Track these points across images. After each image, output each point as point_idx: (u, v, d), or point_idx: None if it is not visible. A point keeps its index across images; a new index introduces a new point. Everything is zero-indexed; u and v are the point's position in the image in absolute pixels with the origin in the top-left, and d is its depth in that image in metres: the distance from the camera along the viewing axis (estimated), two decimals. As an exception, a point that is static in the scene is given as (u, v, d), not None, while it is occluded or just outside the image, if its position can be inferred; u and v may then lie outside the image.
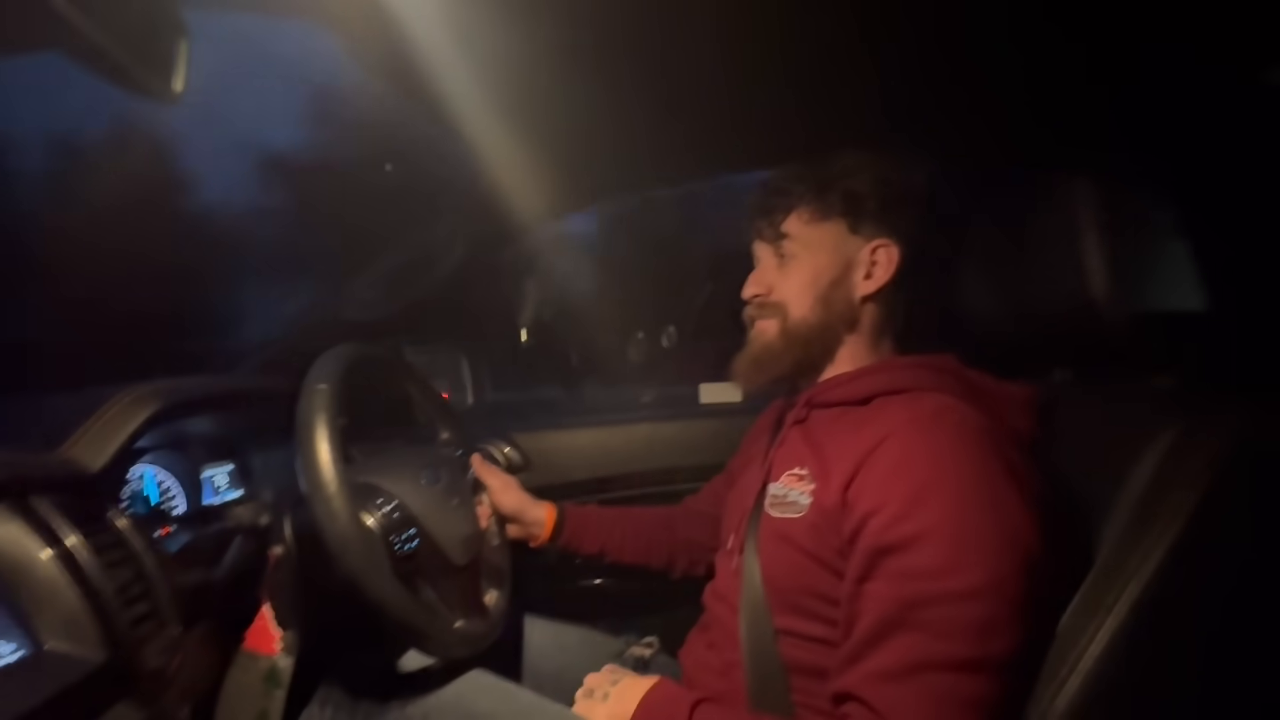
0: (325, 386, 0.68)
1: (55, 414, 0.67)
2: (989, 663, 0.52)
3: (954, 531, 0.54)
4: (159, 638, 0.55)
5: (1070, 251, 0.67)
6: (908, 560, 0.54)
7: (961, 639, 0.52)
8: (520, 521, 0.91)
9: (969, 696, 0.52)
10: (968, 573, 0.53)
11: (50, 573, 0.48)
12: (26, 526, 0.49)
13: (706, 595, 0.79)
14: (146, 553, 0.59)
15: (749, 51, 0.75)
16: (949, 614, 0.52)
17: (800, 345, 0.73)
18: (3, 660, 0.45)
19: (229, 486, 0.99)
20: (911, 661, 0.52)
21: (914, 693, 0.52)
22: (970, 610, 0.52)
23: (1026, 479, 0.58)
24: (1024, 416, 0.66)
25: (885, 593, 0.55)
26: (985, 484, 0.56)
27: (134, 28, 0.50)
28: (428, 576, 0.74)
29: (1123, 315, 0.65)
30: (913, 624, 0.53)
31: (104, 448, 0.64)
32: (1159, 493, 0.55)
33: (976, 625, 0.52)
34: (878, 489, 0.58)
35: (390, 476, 0.75)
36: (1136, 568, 0.53)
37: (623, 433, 1.24)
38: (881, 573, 0.56)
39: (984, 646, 0.52)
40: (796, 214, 0.73)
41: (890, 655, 0.53)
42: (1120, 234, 0.66)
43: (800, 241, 0.73)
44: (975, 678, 0.52)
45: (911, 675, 0.52)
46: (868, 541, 0.57)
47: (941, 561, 0.53)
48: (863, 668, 0.54)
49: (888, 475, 0.58)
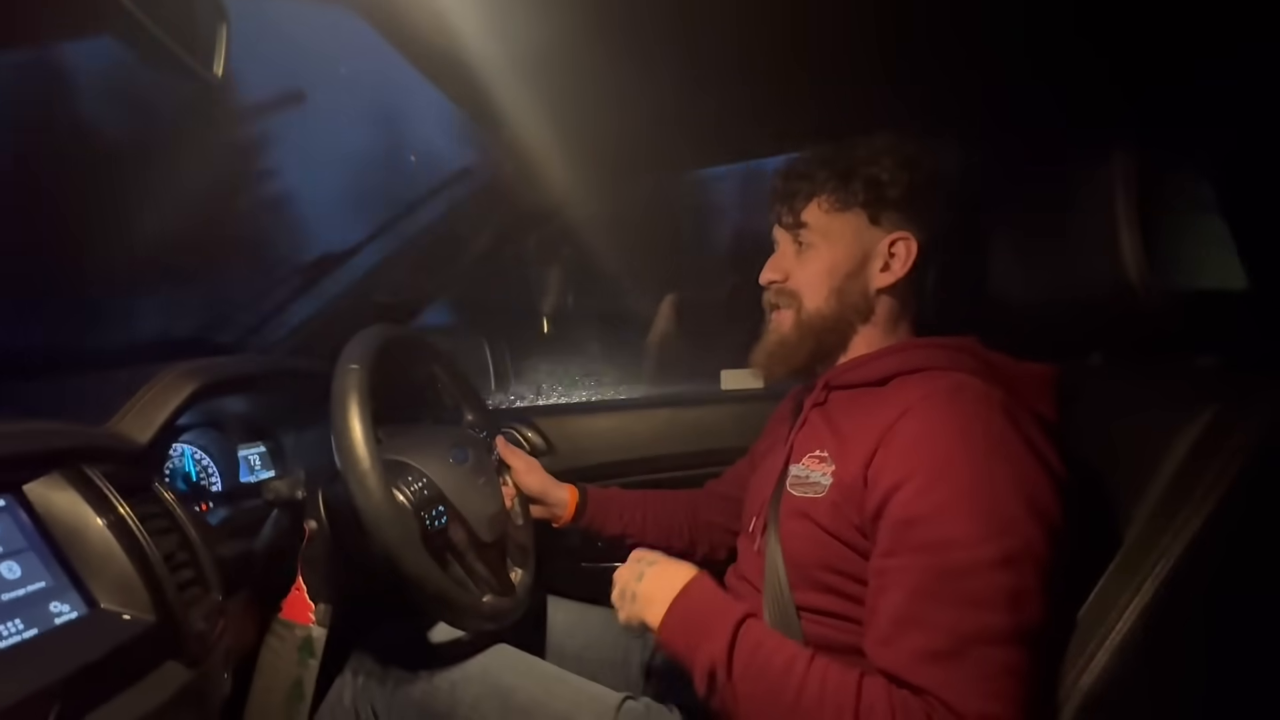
0: (358, 367, 0.70)
1: (104, 389, 0.70)
2: (1029, 632, 0.51)
3: (981, 501, 0.53)
4: (203, 603, 0.57)
5: (1106, 231, 0.66)
6: (936, 530, 0.54)
7: (1002, 609, 0.51)
8: (543, 502, 0.93)
9: (1016, 667, 0.50)
10: (999, 540, 0.52)
11: (104, 538, 0.51)
12: (82, 494, 0.52)
13: (729, 577, 0.79)
14: (191, 523, 0.61)
15: (778, 33, 0.75)
16: (986, 583, 0.51)
17: (814, 336, 0.73)
18: (63, 618, 0.47)
19: (263, 466, 1.02)
20: (958, 638, 0.51)
21: (966, 671, 0.50)
22: (1006, 578, 0.51)
23: (1046, 453, 0.58)
24: (1044, 396, 0.65)
25: (916, 565, 0.54)
26: (1007, 455, 0.56)
27: (177, 13, 0.51)
28: (456, 552, 0.76)
29: (1161, 295, 0.63)
30: (950, 597, 0.52)
31: (150, 422, 0.67)
32: (1191, 474, 0.54)
33: (1014, 593, 0.51)
34: (900, 462, 0.58)
35: (419, 455, 0.77)
36: (1166, 547, 0.52)
37: (644, 417, 1.25)
38: (909, 545, 0.55)
39: (1022, 614, 0.51)
40: (817, 202, 0.72)
41: (930, 633, 0.51)
42: (1158, 212, 0.64)
43: (819, 231, 0.72)
44: (1019, 648, 0.51)
45: (960, 652, 0.50)
46: (894, 514, 0.56)
47: (971, 531, 0.52)
48: (904, 647, 0.52)
49: (909, 448, 0.58)
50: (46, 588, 0.48)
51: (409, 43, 0.74)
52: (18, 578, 0.47)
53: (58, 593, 0.49)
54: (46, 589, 0.48)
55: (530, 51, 0.76)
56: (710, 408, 1.26)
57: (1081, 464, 0.61)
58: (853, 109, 0.94)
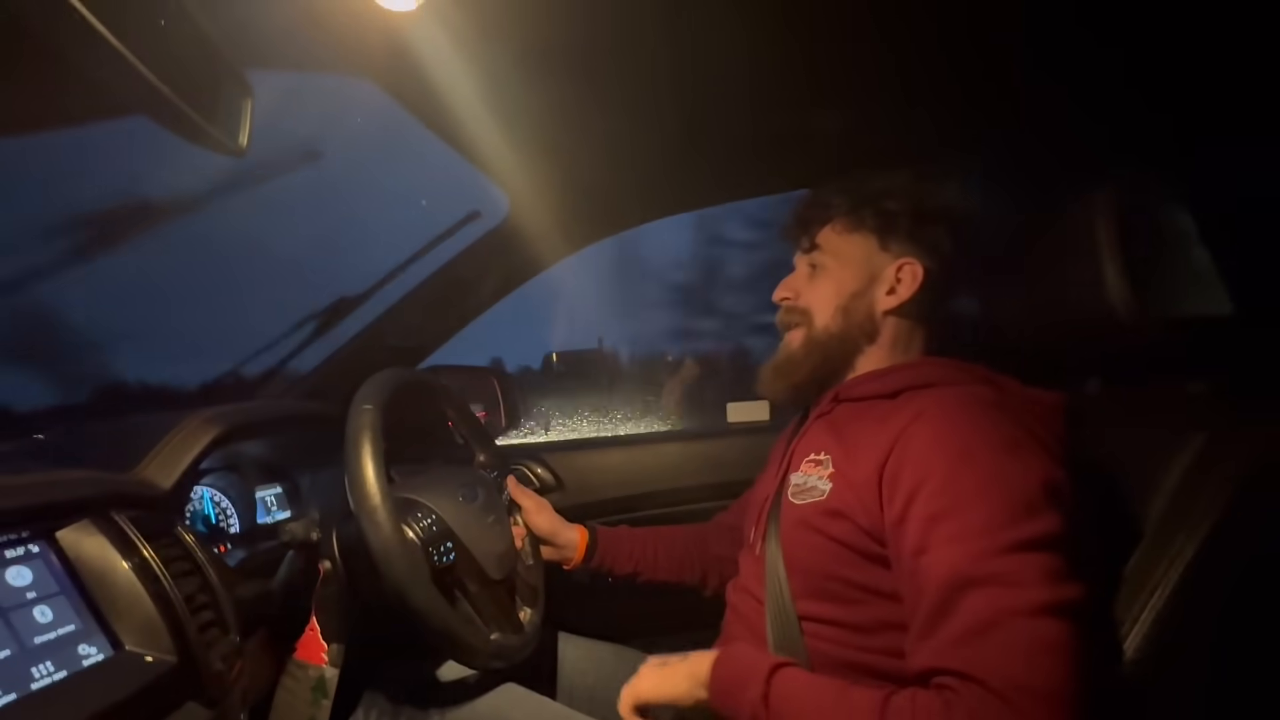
0: (371, 407, 0.72)
1: (130, 435, 0.73)
2: (1066, 607, 0.50)
3: (1002, 489, 0.54)
4: (222, 643, 0.59)
5: (1092, 262, 0.68)
6: (963, 521, 0.54)
7: (1035, 585, 0.50)
8: (553, 544, 0.94)
9: (1054, 640, 0.49)
10: (1024, 523, 0.52)
11: (130, 581, 0.53)
12: (110, 540, 0.54)
13: (730, 593, 0.80)
14: (210, 565, 0.64)
15: (766, 80, 0.79)
16: (1016, 564, 0.51)
17: (820, 353, 0.75)
18: (91, 660, 0.49)
19: (279, 506, 1.05)
20: (988, 616, 0.50)
21: (998, 646, 0.49)
22: (1036, 558, 0.51)
23: (1055, 452, 0.59)
24: (1053, 420, 0.66)
25: (945, 557, 0.54)
26: (1021, 451, 0.57)
27: (204, 88, 0.56)
28: (464, 589, 0.77)
29: (1147, 323, 0.65)
30: (981, 580, 0.51)
31: (173, 468, 0.70)
32: (1185, 500, 0.55)
33: (1046, 571, 0.51)
34: (918, 462, 0.58)
35: (430, 493, 0.79)
36: (1161, 576, 0.53)
37: (652, 452, 1.27)
38: (938, 539, 0.55)
39: (1057, 591, 0.50)
40: (831, 226, 0.77)
41: (965, 616, 0.51)
42: (1141, 242, 0.66)
43: (830, 253, 0.76)
44: (1056, 621, 0.49)
45: (991, 629, 0.50)
46: (919, 512, 0.56)
47: (998, 517, 0.53)
48: (940, 637, 0.52)
49: (927, 447, 0.59)
50: (75, 630, 0.50)
51: (419, 105, 0.79)
52: (50, 621, 0.49)
53: (86, 635, 0.51)
54: (75, 632, 0.50)
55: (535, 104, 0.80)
56: (718, 441, 1.28)
57: (1084, 486, 0.61)
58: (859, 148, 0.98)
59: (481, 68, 0.69)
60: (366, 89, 0.76)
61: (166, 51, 0.47)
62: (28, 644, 0.47)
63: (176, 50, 0.48)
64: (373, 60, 0.69)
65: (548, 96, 0.77)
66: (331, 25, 0.62)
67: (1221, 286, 0.69)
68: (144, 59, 0.44)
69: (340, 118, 1.16)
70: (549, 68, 0.74)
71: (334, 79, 0.72)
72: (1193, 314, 0.68)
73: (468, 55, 0.67)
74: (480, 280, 1.18)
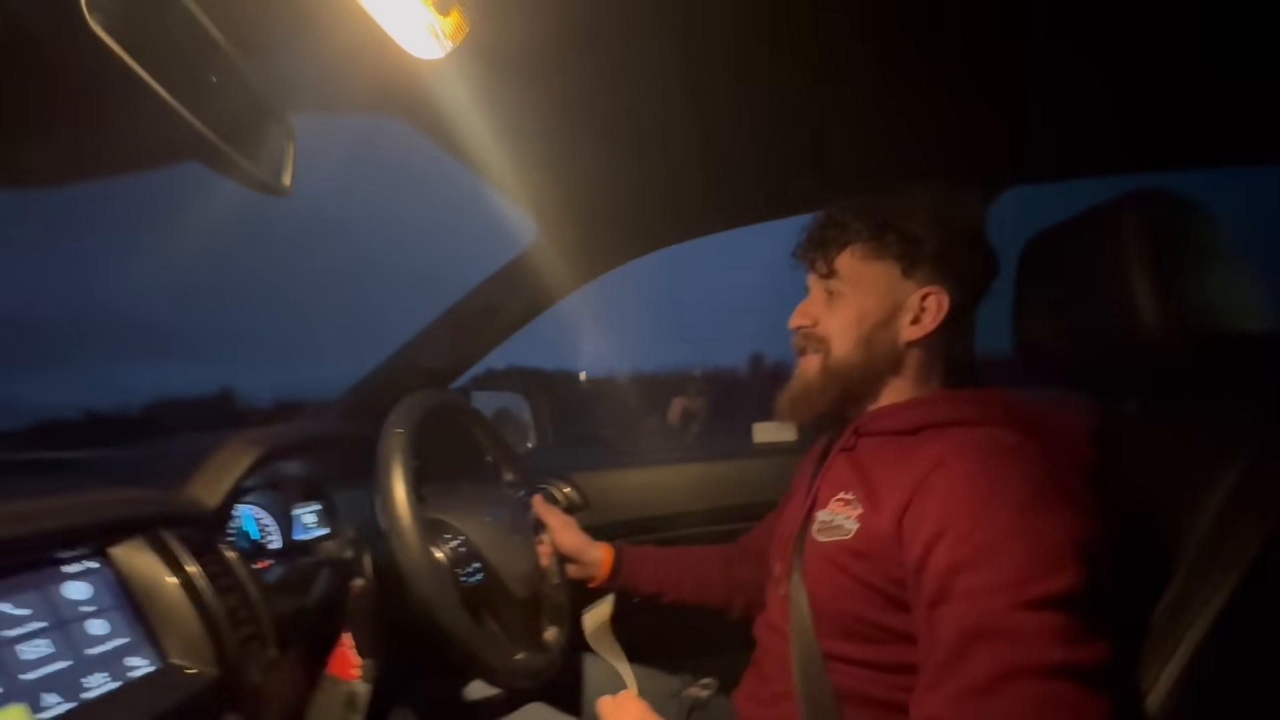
0: (402, 430, 0.75)
1: (177, 455, 0.77)
2: (1079, 669, 0.48)
3: (1024, 543, 0.52)
4: (261, 657, 0.62)
5: (1122, 280, 0.66)
6: (982, 575, 0.52)
7: (1048, 644, 0.49)
8: (579, 561, 0.94)
9: (1064, 701, 0.48)
10: (1045, 581, 0.50)
11: (177, 596, 0.56)
12: (158, 556, 0.58)
13: (758, 628, 0.79)
14: (251, 582, 0.67)
15: (769, 105, 0.80)
16: (1031, 621, 0.50)
17: (840, 383, 0.73)
18: (139, 672, 0.52)
19: (317, 524, 1.08)
20: (998, 672, 0.49)
21: (1007, 704, 0.48)
22: (1053, 618, 0.49)
23: (1085, 501, 0.57)
24: (1081, 444, 0.64)
25: (962, 610, 0.53)
26: (1045, 501, 0.55)
27: (250, 134, 0.60)
28: (491, 608, 0.79)
29: (1181, 341, 0.63)
30: (994, 634, 0.50)
31: (218, 487, 0.74)
32: (1228, 523, 0.53)
33: (1061, 631, 0.49)
34: (939, 511, 0.57)
35: (458, 514, 0.81)
36: (1206, 601, 0.51)
37: (677, 472, 1.27)
38: (956, 592, 0.53)
39: (1071, 652, 0.49)
40: (850, 250, 0.73)
41: (974, 670, 0.50)
42: (1172, 258, 0.65)
43: (850, 280, 0.73)
44: (1068, 683, 0.48)
45: (1000, 686, 0.48)
46: (938, 564, 0.55)
47: (1017, 572, 0.51)
48: (947, 689, 0.51)
49: (948, 496, 0.57)
50: (127, 643, 0.54)
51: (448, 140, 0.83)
52: (105, 634, 0.52)
53: (135, 647, 0.54)
54: (127, 644, 0.54)
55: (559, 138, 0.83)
56: (743, 462, 1.27)
57: (1120, 511, 0.60)
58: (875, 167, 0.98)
59: (503, 108, 0.72)
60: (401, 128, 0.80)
61: (216, 103, 0.51)
62: (83, 655, 0.50)
63: (225, 101, 0.52)
64: (404, 101, 0.73)
65: (566, 131, 0.80)
66: (365, 70, 0.66)
67: (1257, 302, 0.67)
68: (195, 111, 0.47)
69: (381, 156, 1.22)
70: (566, 107, 0.77)
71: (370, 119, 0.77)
72: (1227, 330, 0.65)
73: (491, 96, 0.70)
74: (508, 304, 1.21)
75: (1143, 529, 0.61)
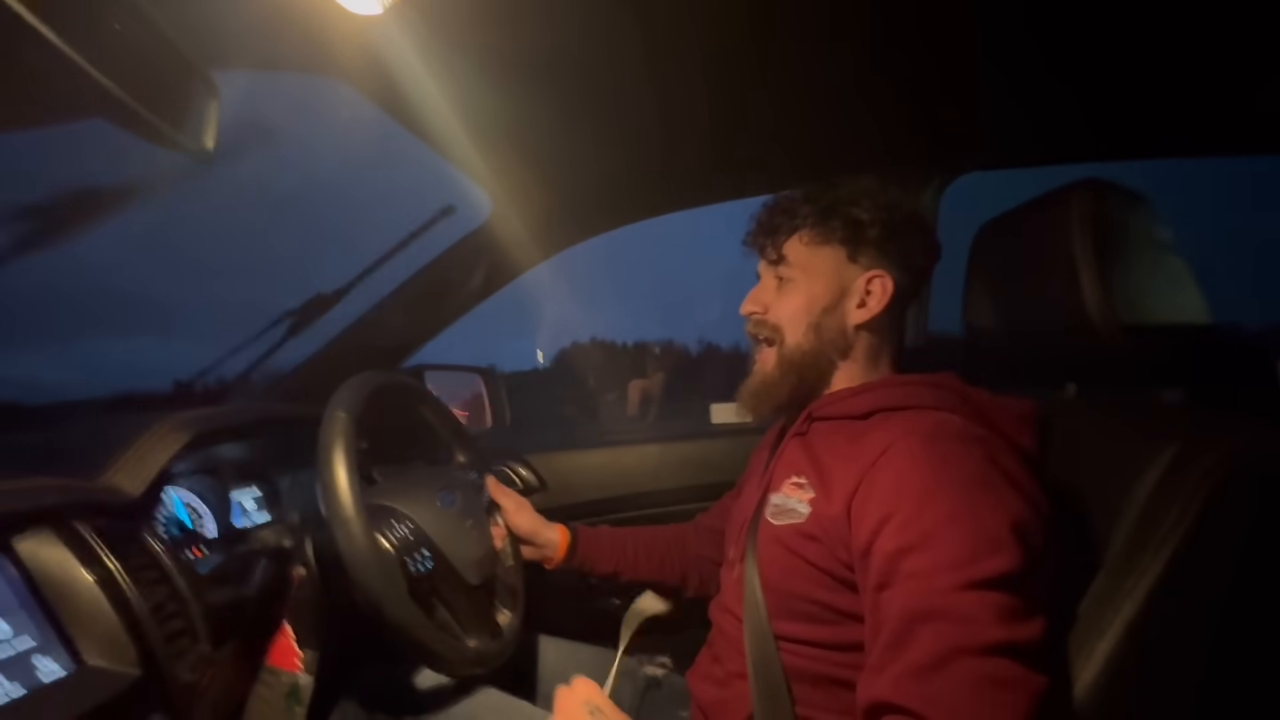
0: (345, 414, 0.71)
1: (98, 440, 0.72)
2: (1020, 647, 0.50)
3: (966, 526, 0.54)
4: (191, 654, 0.58)
5: (1067, 271, 0.68)
6: (925, 558, 0.54)
7: (990, 623, 0.50)
8: (534, 543, 0.93)
9: (1006, 678, 0.49)
10: (986, 561, 0.52)
11: (92, 594, 0.52)
12: (70, 550, 0.53)
13: (712, 610, 0.80)
14: (180, 573, 0.63)
15: (731, 87, 0.78)
16: (973, 601, 0.51)
17: (796, 372, 0.74)
18: (50, 677, 0.49)
19: (257, 509, 1.03)
20: (940, 651, 0.50)
21: (950, 683, 0.49)
22: (994, 597, 0.51)
23: (1026, 485, 0.59)
24: (1023, 430, 0.66)
25: (906, 592, 0.54)
26: (988, 485, 0.57)
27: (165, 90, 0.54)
28: (442, 596, 0.77)
29: (1121, 333, 0.65)
30: (937, 615, 0.51)
31: (143, 474, 0.69)
32: (1158, 509, 0.56)
33: (1002, 610, 0.51)
34: (886, 496, 0.58)
35: (407, 499, 0.78)
36: (1134, 586, 0.53)
37: (634, 453, 1.27)
38: (901, 574, 0.55)
39: (1012, 631, 0.50)
40: (798, 236, 0.75)
41: (917, 651, 0.51)
42: (1116, 252, 0.67)
43: (799, 265, 0.74)
44: (1009, 661, 0.49)
45: (943, 665, 0.50)
46: (883, 547, 0.56)
47: (959, 554, 0.53)
48: (892, 670, 0.52)
49: (895, 482, 0.59)
50: (34, 645, 0.49)
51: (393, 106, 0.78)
52: (7, 637, 0.48)
53: (45, 650, 0.50)
54: (34, 647, 0.49)
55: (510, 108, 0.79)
56: (700, 442, 1.28)
57: (1057, 495, 0.62)
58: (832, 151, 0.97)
59: (453, 72, 0.68)
60: (343, 90, 0.75)
61: (122, 54, 0.45)
62: (-17, 660, 0.46)
63: (133, 53, 0.47)
64: (344, 62, 0.68)
65: (522, 101, 0.77)
66: (299, 26, 0.60)
67: (1195, 295, 0.69)
68: (96, 63, 0.42)
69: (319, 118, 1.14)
70: (519, 73, 0.73)
71: (307, 80, 0.71)
72: (1166, 322, 0.68)
73: (438, 59, 0.66)
74: (463, 280, 1.17)
75: (1079, 514, 0.64)
